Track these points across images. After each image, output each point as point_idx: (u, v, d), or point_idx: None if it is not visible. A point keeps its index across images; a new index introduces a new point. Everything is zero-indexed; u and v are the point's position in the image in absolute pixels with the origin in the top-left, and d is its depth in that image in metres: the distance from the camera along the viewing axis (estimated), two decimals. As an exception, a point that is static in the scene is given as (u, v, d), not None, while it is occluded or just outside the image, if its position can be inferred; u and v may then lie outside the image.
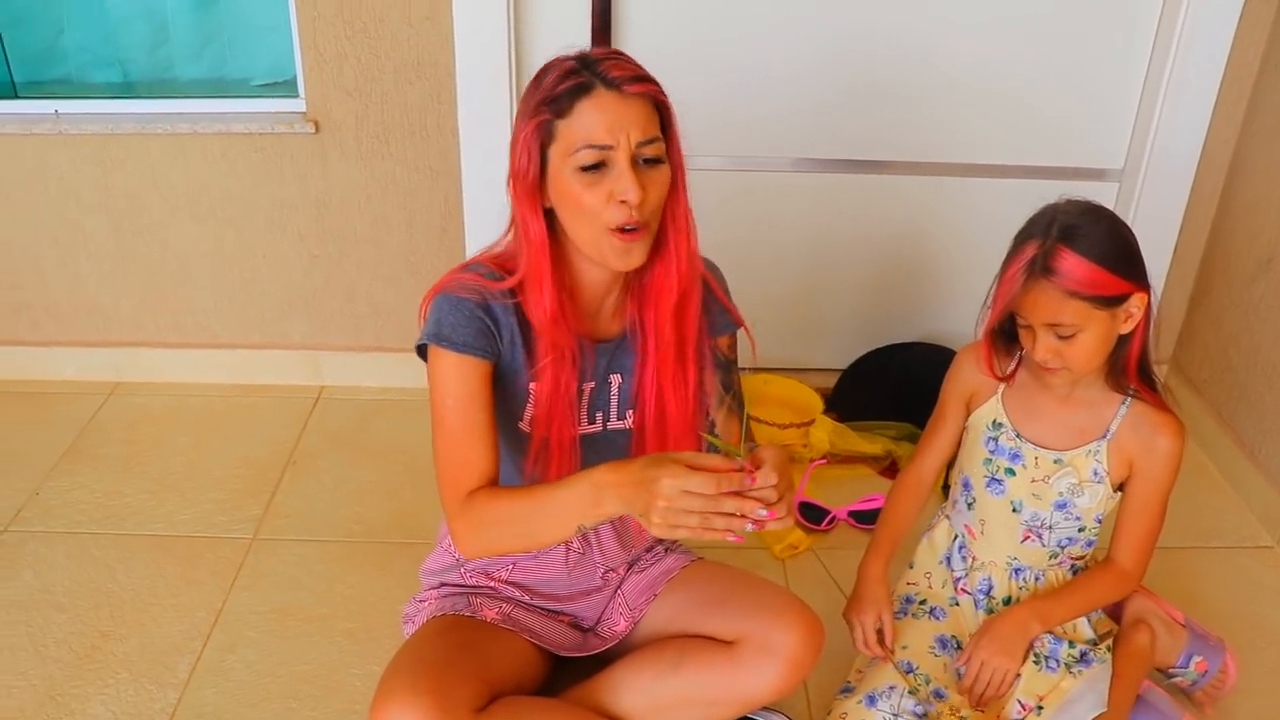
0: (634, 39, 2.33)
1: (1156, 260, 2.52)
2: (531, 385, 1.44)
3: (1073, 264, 1.40)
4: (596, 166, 1.30)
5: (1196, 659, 1.74)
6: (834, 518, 2.14)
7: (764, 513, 1.21)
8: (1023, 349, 1.58)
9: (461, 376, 1.38)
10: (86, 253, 2.54)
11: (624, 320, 1.49)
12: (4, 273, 2.58)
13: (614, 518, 1.31)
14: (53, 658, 1.83)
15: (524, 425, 1.47)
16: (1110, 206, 2.49)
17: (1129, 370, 1.53)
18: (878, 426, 2.36)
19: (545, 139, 1.32)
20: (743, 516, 1.20)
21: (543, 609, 1.63)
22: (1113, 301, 1.44)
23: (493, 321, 1.39)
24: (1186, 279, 2.58)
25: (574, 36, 2.30)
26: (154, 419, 2.54)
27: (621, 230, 1.32)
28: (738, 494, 1.20)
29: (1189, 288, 2.59)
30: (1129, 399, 1.57)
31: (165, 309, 2.62)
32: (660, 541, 1.71)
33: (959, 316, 2.46)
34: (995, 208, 2.48)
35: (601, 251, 1.35)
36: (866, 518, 2.12)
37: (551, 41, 2.29)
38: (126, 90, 2.52)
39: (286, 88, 2.44)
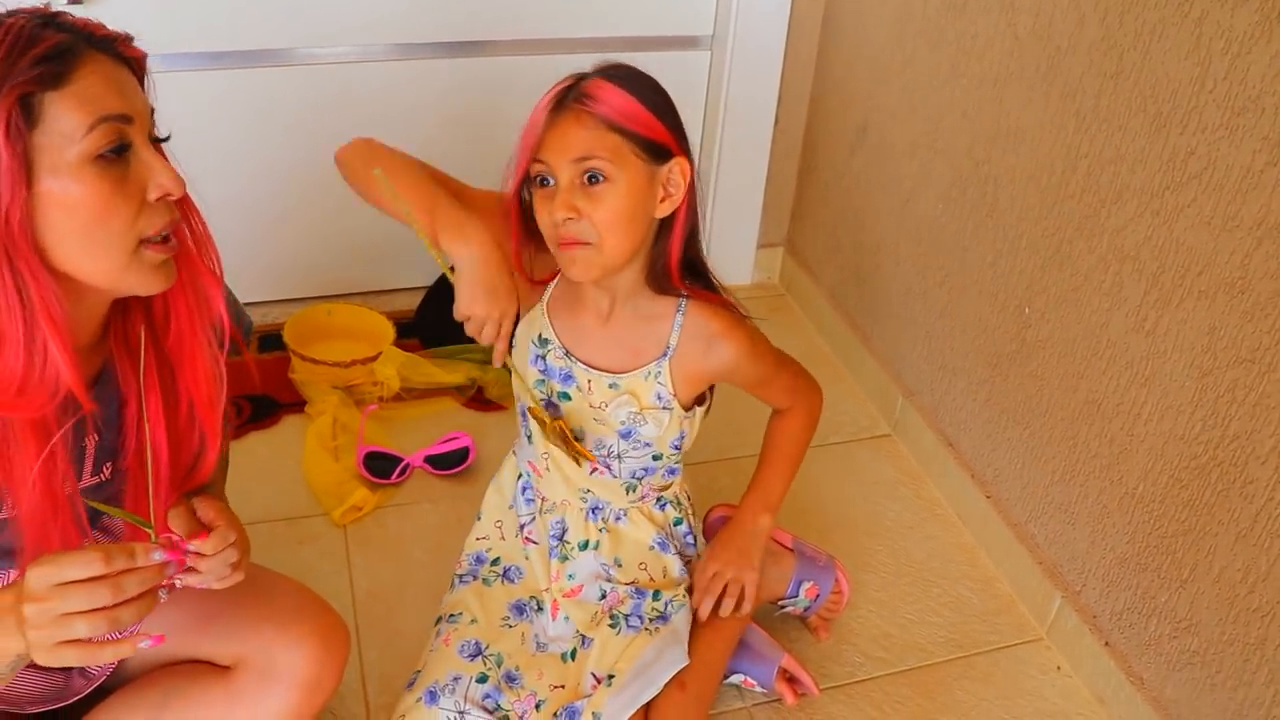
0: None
1: (759, 134, 2.32)
2: None
3: (611, 92, 1.17)
4: (120, 150, 0.89)
5: (807, 585, 1.55)
6: (408, 466, 1.80)
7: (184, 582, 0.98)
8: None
9: None
10: None
11: (104, 353, 1.05)
12: None
13: (18, 654, 0.90)
14: None
15: None
16: (704, 76, 2.30)
17: (671, 267, 1.26)
18: (462, 350, 2.02)
19: (21, 129, 0.84)
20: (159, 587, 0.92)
21: None
22: (653, 150, 1.18)
23: None
24: (793, 153, 2.39)
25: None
26: None
27: (165, 240, 0.94)
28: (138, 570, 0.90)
29: (796, 163, 2.40)
30: (683, 305, 1.31)
31: None
32: None
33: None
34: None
35: (136, 276, 0.93)
36: (447, 461, 1.80)
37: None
38: None
39: None
